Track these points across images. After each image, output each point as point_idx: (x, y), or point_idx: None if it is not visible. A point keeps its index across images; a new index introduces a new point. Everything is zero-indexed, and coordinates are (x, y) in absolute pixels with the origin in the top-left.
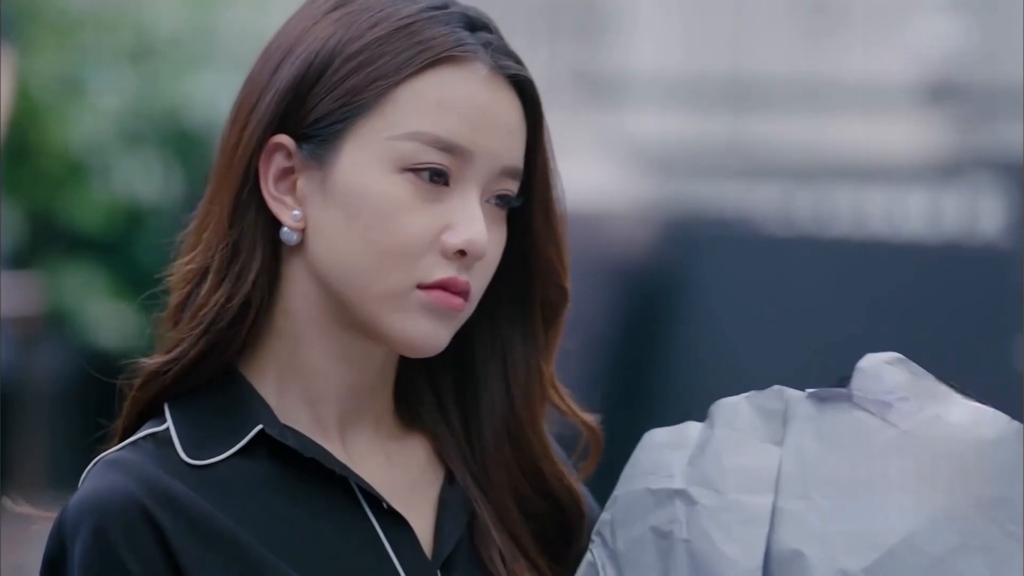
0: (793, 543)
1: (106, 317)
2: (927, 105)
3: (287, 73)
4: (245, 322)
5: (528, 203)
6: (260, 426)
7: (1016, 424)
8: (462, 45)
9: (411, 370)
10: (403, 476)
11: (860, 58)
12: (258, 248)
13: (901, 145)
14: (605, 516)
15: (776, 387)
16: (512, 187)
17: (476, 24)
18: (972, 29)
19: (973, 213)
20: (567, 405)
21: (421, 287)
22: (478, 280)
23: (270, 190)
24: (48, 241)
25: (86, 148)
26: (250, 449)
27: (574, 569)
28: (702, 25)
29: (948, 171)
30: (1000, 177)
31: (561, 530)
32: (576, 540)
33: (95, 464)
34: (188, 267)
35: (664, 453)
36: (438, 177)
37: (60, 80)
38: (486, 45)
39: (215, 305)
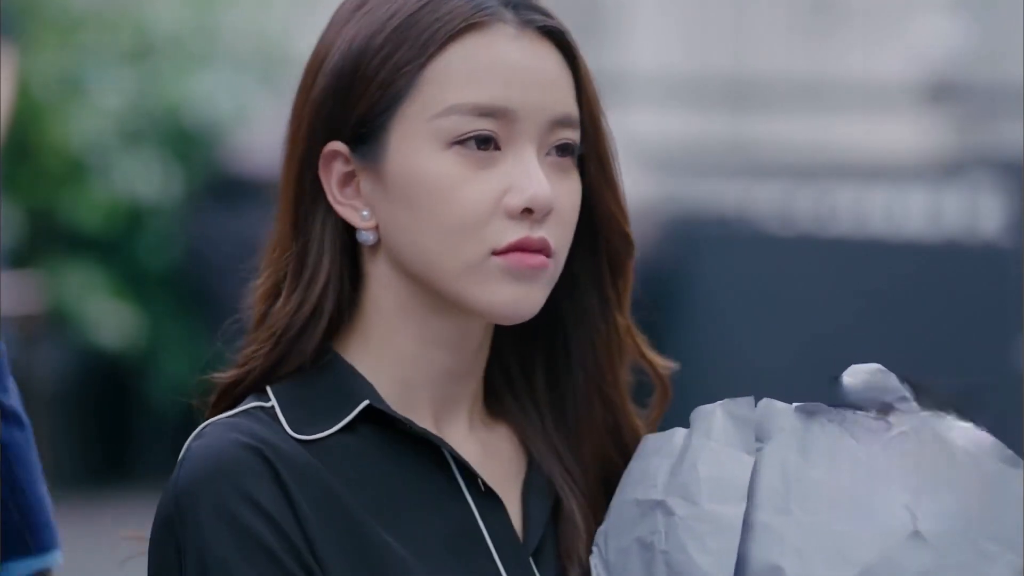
0: (772, 558)
1: (106, 316)
2: (927, 105)
3: (323, 82)
4: (317, 329)
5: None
6: (367, 401)
7: (1004, 451)
8: (481, 10)
9: (500, 355)
10: (495, 464)
11: (860, 57)
12: (326, 256)
13: (901, 144)
14: (602, 526)
15: (761, 398)
16: (570, 135)
17: None
18: (972, 29)
19: (973, 212)
20: (644, 354)
21: (496, 253)
22: (556, 234)
23: (336, 197)
24: (48, 240)
25: (86, 147)
26: (353, 426)
27: None
28: (702, 24)
29: (948, 170)
30: (1000, 176)
31: None
32: None
33: (204, 427)
34: (261, 288)
35: (652, 462)
36: (485, 144)
37: (61, 79)
38: (508, 3)
39: (285, 316)
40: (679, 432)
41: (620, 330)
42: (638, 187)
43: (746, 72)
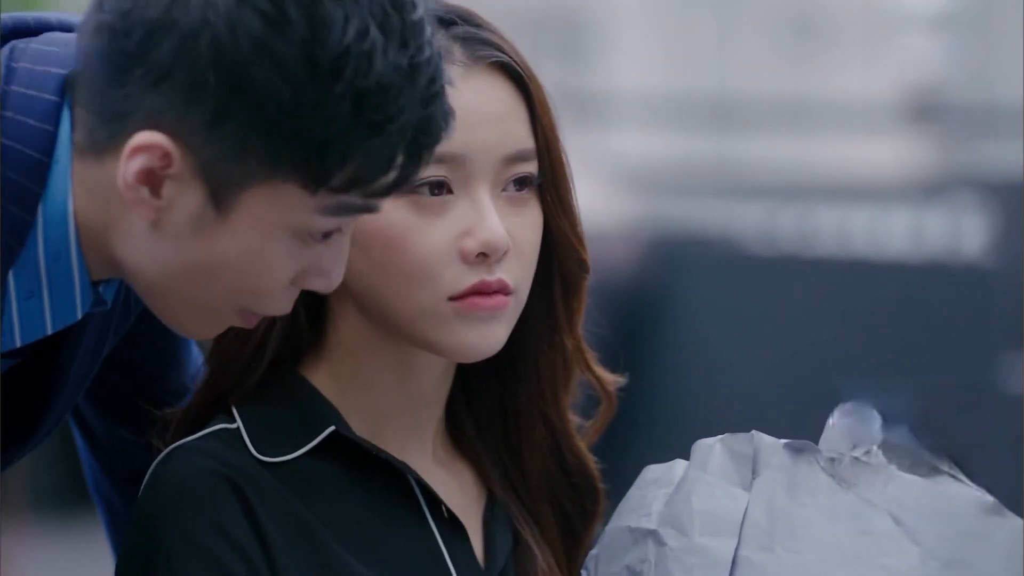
0: None
1: None
2: (910, 125)
3: None
4: (260, 363)
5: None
6: (333, 427)
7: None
8: None
9: (463, 378)
10: (458, 491)
11: (844, 79)
12: None
13: (884, 165)
14: (593, 551)
15: (752, 432)
16: (525, 168)
17: (446, 20)
18: (955, 50)
19: (956, 233)
20: (591, 369)
21: (453, 299)
22: (515, 271)
23: None
24: None
25: None
26: (319, 451)
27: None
28: (687, 45)
29: (931, 191)
30: (983, 197)
31: (582, 514)
32: (593, 523)
33: (170, 452)
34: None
35: (650, 491)
36: (438, 189)
37: None
38: (458, 39)
39: (229, 350)
40: (680, 464)
41: (567, 353)
42: (622, 207)
43: (730, 93)
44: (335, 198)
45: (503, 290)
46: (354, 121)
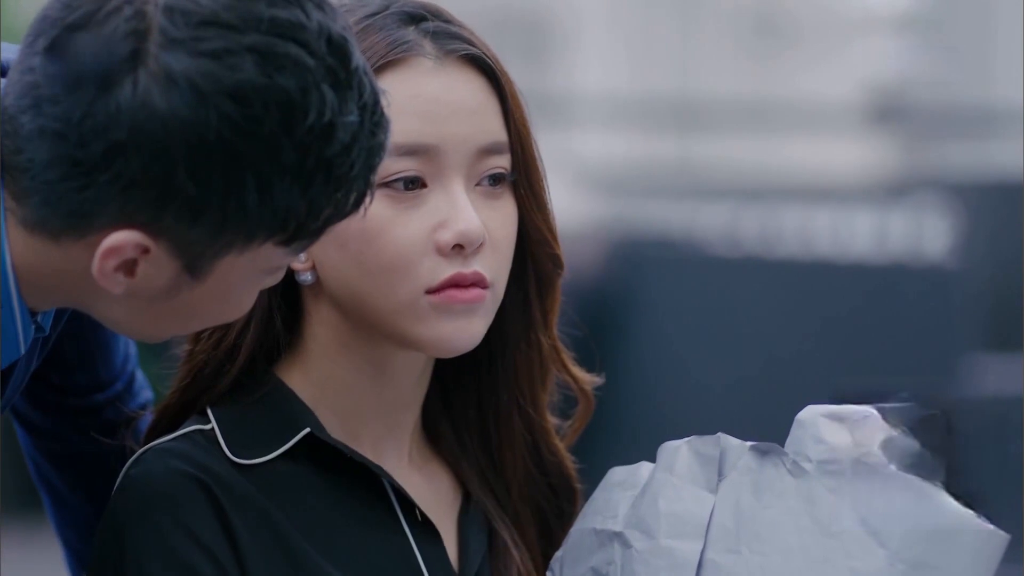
0: None
1: None
2: (873, 126)
3: None
4: (233, 367)
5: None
6: (307, 429)
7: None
8: (397, 46)
9: (439, 379)
10: (433, 494)
11: (806, 79)
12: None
13: (847, 166)
14: (558, 552)
15: (718, 434)
16: (500, 162)
17: (416, 16)
18: (918, 51)
19: (918, 234)
20: (568, 369)
21: (430, 291)
22: (491, 264)
23: None
24: None
25: None
26: (293, 453)
27: None
28: (648, 46)
29: (893, 192)
30: (945, 198)
31: (559, 515)
32: (570, 524)
33: (143, 453)
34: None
35: (615, 493)
36: (412, 183)
37: None
38: (428, 33)
39: (203, 353)
40: (645, 466)
41: (543, 350)
42: (584, 208)
43: (692, 94)
44: (306, 240)
45: (479, 283)
46: (323, 189)
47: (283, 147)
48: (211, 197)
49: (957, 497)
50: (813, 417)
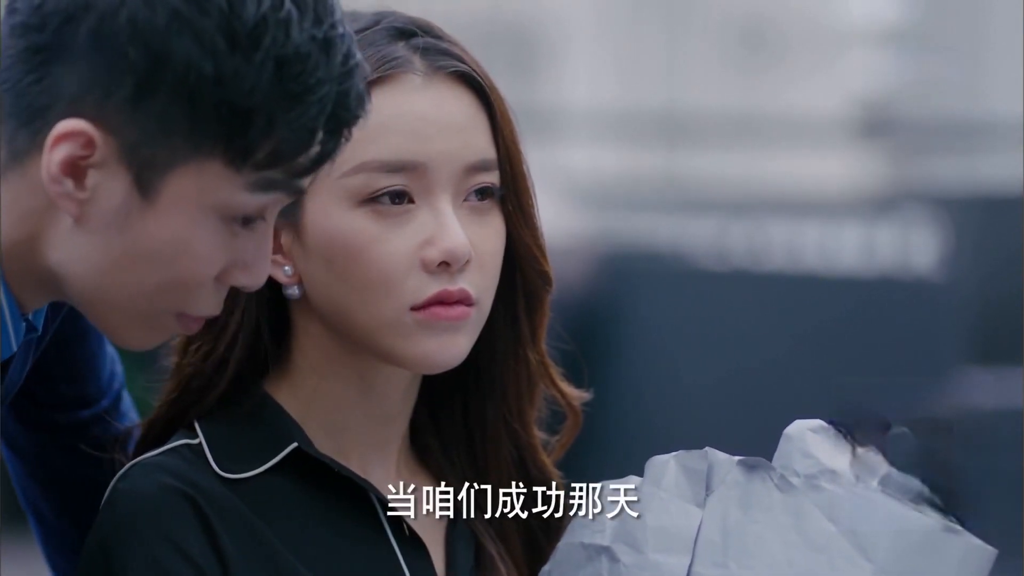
0: None
1: None
2: (860, 140)
3: None
4: (222, 380)
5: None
6: (295, 444)
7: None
8: (387, 63)
9: (427, 393)
10: (418, 510)
11: (794, 93)
12: (237, 310)
13: (834, 180)
14: (545, 567)
15: (706, 449)
16: (487, 178)
17: (406, 32)
18: (905, 65)
19: (906, 247)
20: (556, 384)
21: (415, 308)
22: (477, 281)
23: None
24: None
25: None
26: (281, 468)
27: None
28: (636, 60)
29: (881, 206)
30: (933, 211)
31: (546, 529)
32: (558, 538)
33: (130, 468)
34: (179, 338)
35: None
36: (399, 198)
37: None
38: (418, 49)
39: (191, 366)
40: (634, 480)
41: (531, 366)
42: (572, 222)
43: (679, 108)
44: (259, 174)
45: (465, 300)
46: (275, 90)
47: (232, 29)
48: (155, 75)
49: (945, 511)
50: (801, 432)
